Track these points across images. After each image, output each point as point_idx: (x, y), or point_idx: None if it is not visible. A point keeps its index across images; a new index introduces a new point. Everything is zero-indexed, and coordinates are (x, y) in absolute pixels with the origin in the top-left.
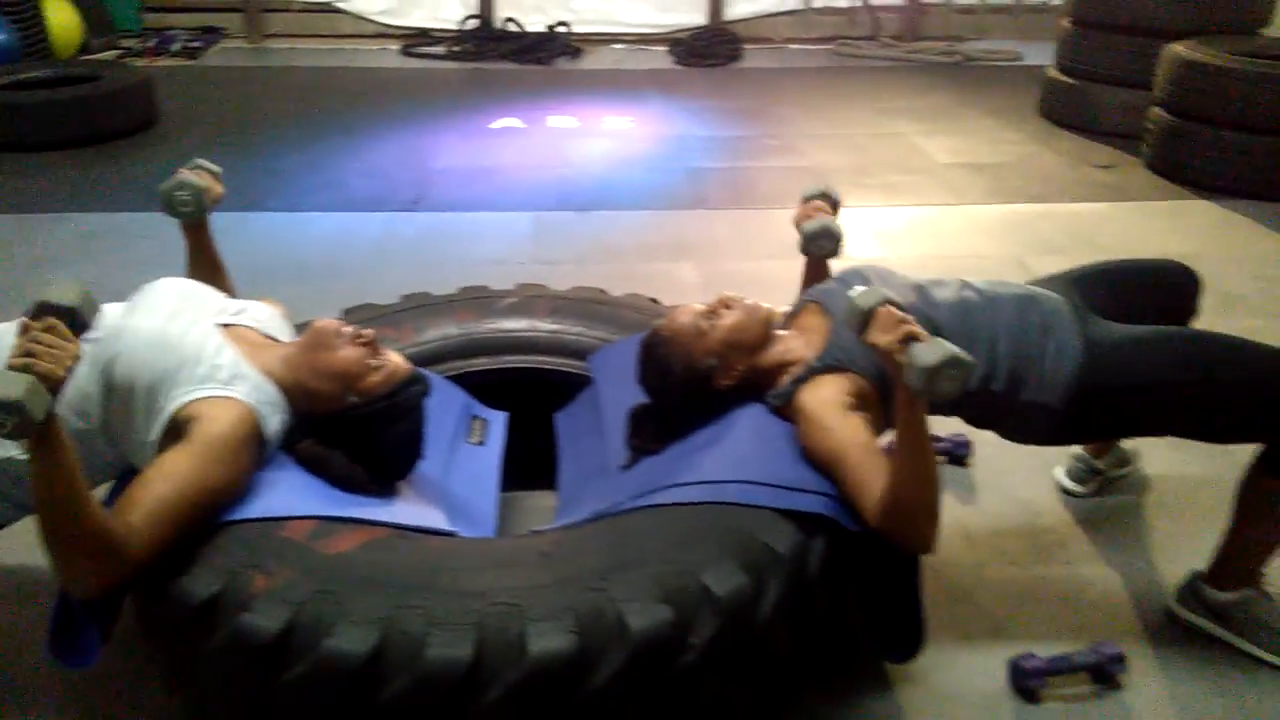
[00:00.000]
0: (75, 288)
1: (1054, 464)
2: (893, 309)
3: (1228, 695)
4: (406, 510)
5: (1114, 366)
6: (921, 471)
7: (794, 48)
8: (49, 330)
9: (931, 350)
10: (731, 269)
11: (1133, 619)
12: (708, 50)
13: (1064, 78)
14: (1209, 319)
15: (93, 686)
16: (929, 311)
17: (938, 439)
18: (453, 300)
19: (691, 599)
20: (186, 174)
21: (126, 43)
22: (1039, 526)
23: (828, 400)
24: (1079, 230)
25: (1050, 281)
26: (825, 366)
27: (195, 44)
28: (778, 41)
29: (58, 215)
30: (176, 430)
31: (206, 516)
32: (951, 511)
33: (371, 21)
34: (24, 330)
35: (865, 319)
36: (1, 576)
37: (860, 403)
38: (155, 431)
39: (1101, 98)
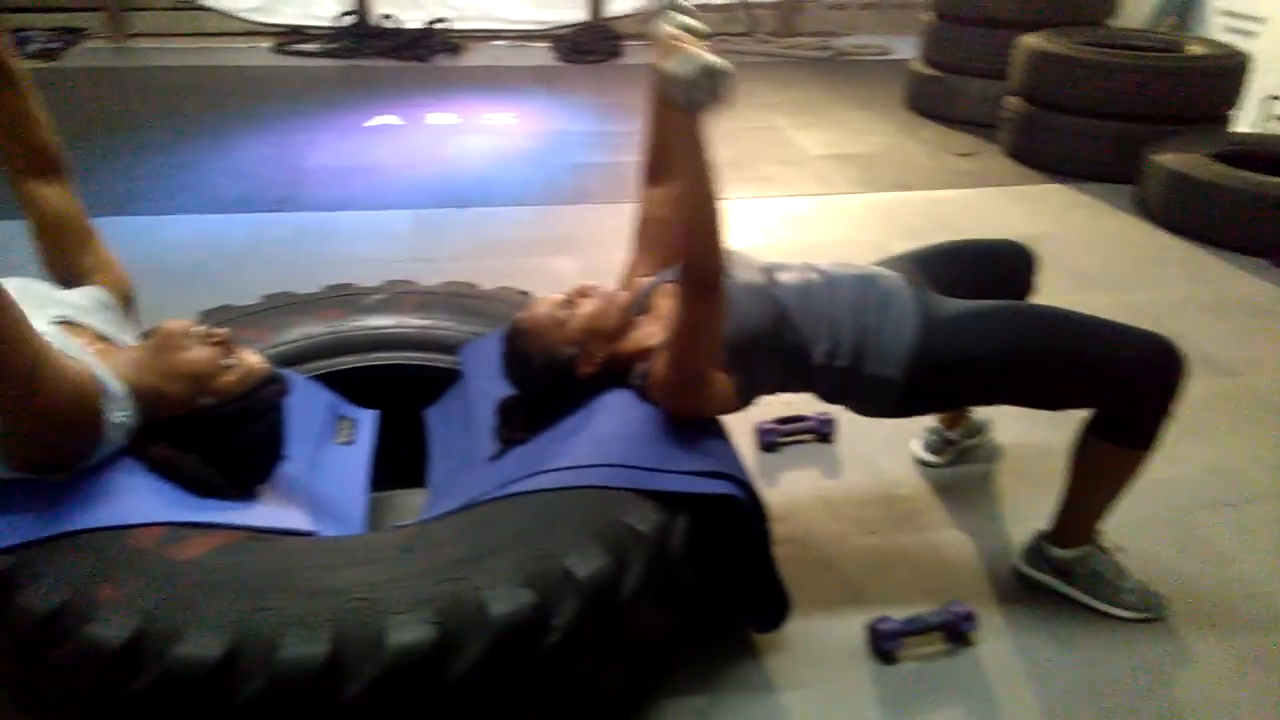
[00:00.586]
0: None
1: (912, 438)
2: (671, 35)
3: (1071, 647)
4: (265, 513)
5: (949, 339)
6: (701, 187)
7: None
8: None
9: (685, 62)
10: (613, 261)
11: (984, 579)
12: (589, 46)
13: (927, 70)
14: (1062, 296)
15: None
16: (774, 292)
17: (804, 418)
18: (316, 298)
19: (553, 582)
20: None
21: None
22: (897, 496)
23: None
24: (940, 215)
25: (892, 261)
26: None
27: (54, 45)
28: None
29: None
30: None
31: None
32: (816, 486)
33: (241, 19)
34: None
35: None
36: None
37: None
38: None
39: (962, 88)
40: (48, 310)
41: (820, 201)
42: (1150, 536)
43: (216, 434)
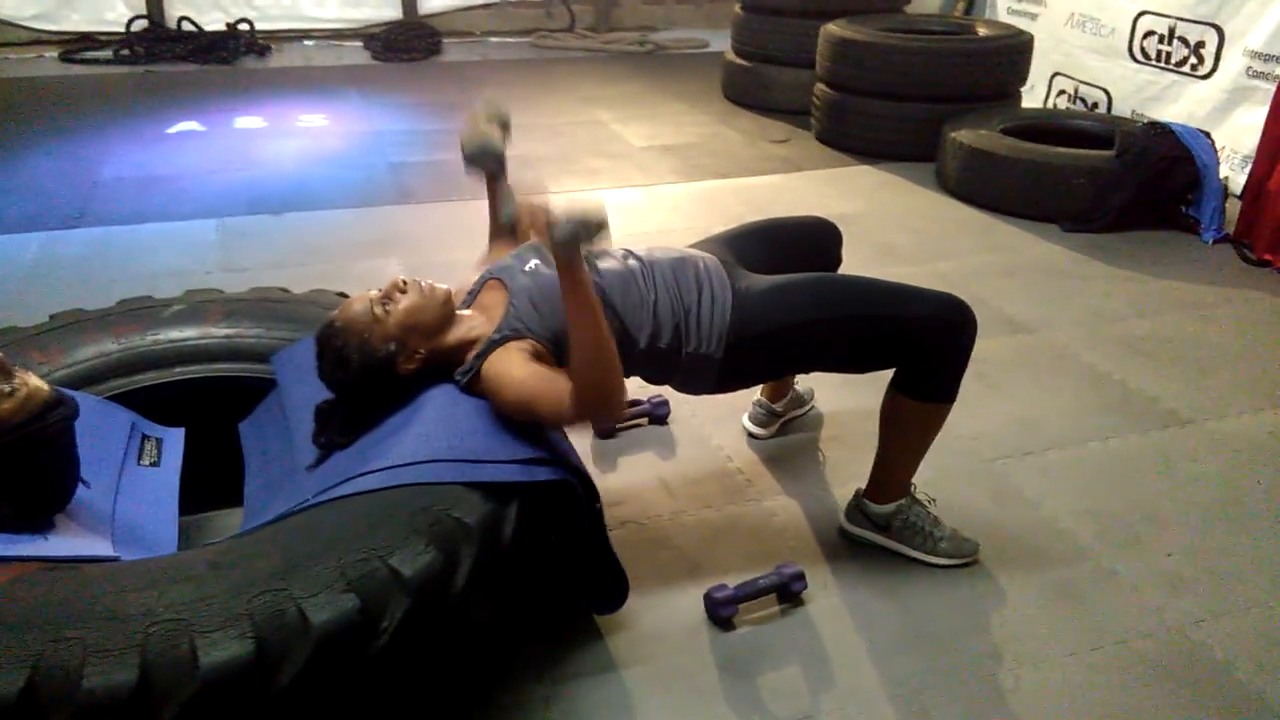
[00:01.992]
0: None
1: (741, 413)
2: (533, 207)
3: (895, 596)
4: (62, 543)
5: (761, 313)
6: (596, 333)
7: (494, 40)
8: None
9: (563, 228)
10: (439, 260)
11: (812, 541)
12: (405, 45)
13: (740, 61)
14: (871, 269)
15: None
16: (596, 279)
17: (638, 402)
18: (108, 314)
19: (379, 584)
20: None
21: None
22: (729, 470)
23: (509, 360)
24: (758, 200)
25: (705, 243)
26: (504, 337)
27: None
28: (477, 35)
29: None
30: None
31: None
32: (652, 467)
33: (23, 28)
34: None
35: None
36: None
37: (539, 361)
38: None
39: (774, 77)
40: None
41: (645, 192)
42: (961, 487)
43: (0, 466)
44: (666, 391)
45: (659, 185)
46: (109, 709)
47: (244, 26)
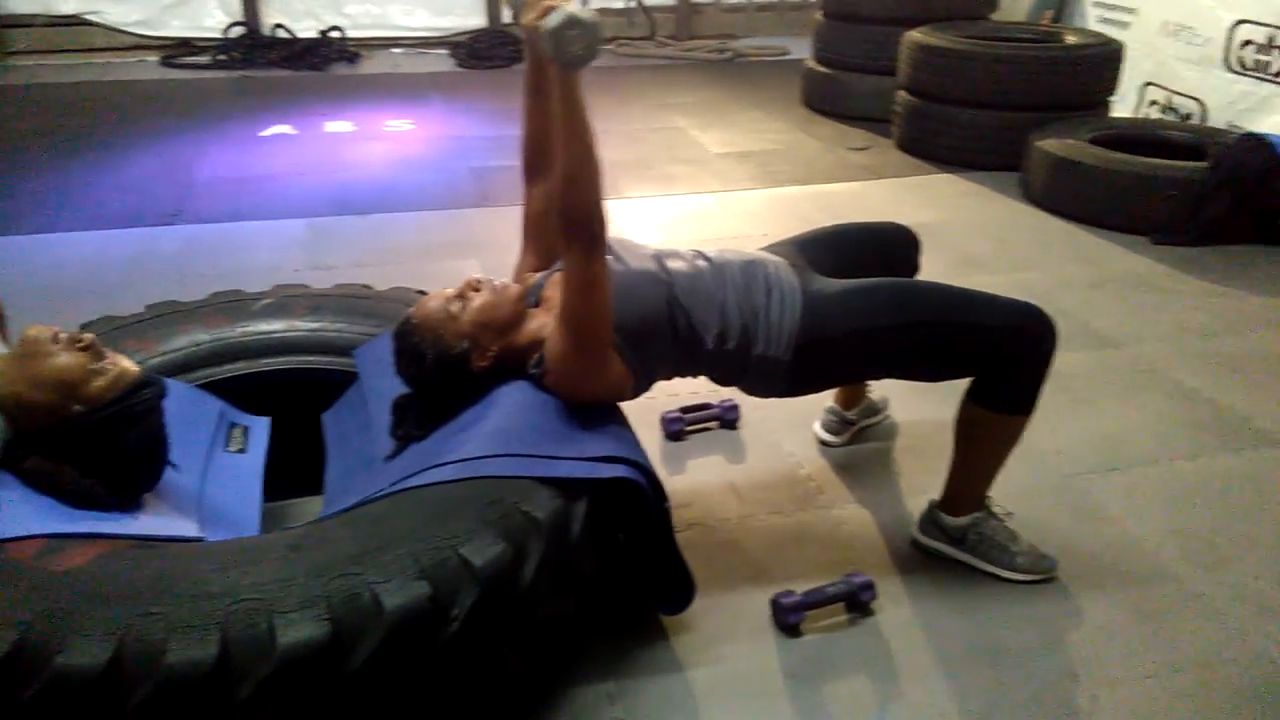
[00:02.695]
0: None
1: (814, 420)
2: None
3: (966, 610)
4: (150, 522)
5: (831, 317)
6: (580, 132)
7: None
8: None
9: (554, 16)
10: (515, 262)
11: (882, 551)
12: (488, 52)
13: (821, 68)
14: (952, 278)
15: None
16: (665, 278)
17: (708, 405)
18: (202, 306)
19: (450, 573)
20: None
21: None
22: (800, 477)
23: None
24: (835, 207)
25: (778, 246)
26: None
27: None
28: None
29: None
30: None
31: None
32: (721, 471)
33: (127, 34)
34: None
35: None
36: None
37: None
38: None
39: (854, 85)
40: None
41: (721, 198)
42: (1041, 502)
43: (91, 442)
44: (737, 396)
45: (735, 191)
46: (189, 684)
47: (335, 34)
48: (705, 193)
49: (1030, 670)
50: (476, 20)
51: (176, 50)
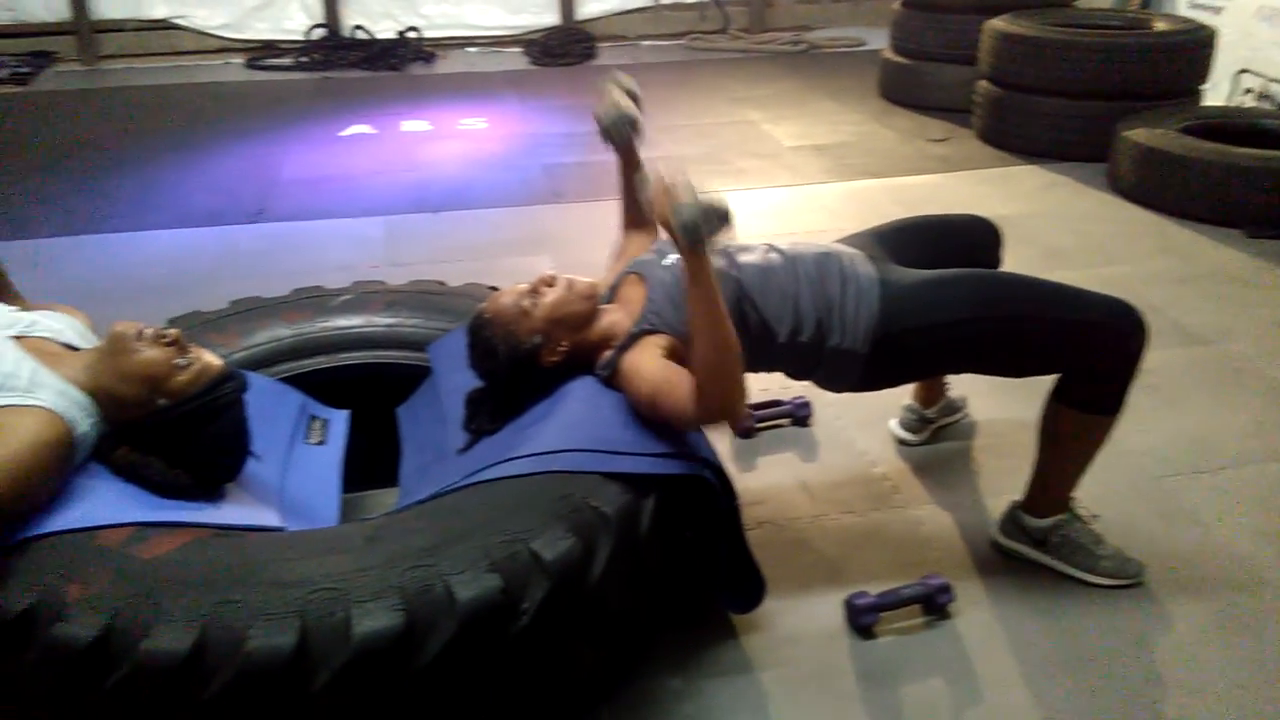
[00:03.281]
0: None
1: (889, 418)
2: (660, 190)
3: (1050, 615)
4: (233, 511)
5: (910, 308)
6: (718, 327)
7: (647, 44)
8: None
9: (686, 210)
10: (588, 258)
11: (961, 552)
12: (562, 50)
13: (899, 58)
14: (1035, 272)
15: None
16: (734, 273)
17: (779, 402)
18: (283, 302)
19: (521, 566)
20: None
21: None
22: (874, 476)
23: (643, 355)
24: (913, 200)
25: (854, 238)
26: (641, 331)
27: (24, 70)
28: (631, 38)
29: None
30: None
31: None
32: (792, 469)
33: (213, 36)
34: None
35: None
36: None
37: (674, 357)
38: None
39: (933, 75)
40: (3, 325)
41: (794, 192)
42: (1127, 504)
43: (176, 434)
44: (810, 392)
45: (809, 185)
46: (269, 671)
47: (412, 34)
48: (778, 187)
49: (1114, 677)
50: (550, 18)
51: (261, 52)
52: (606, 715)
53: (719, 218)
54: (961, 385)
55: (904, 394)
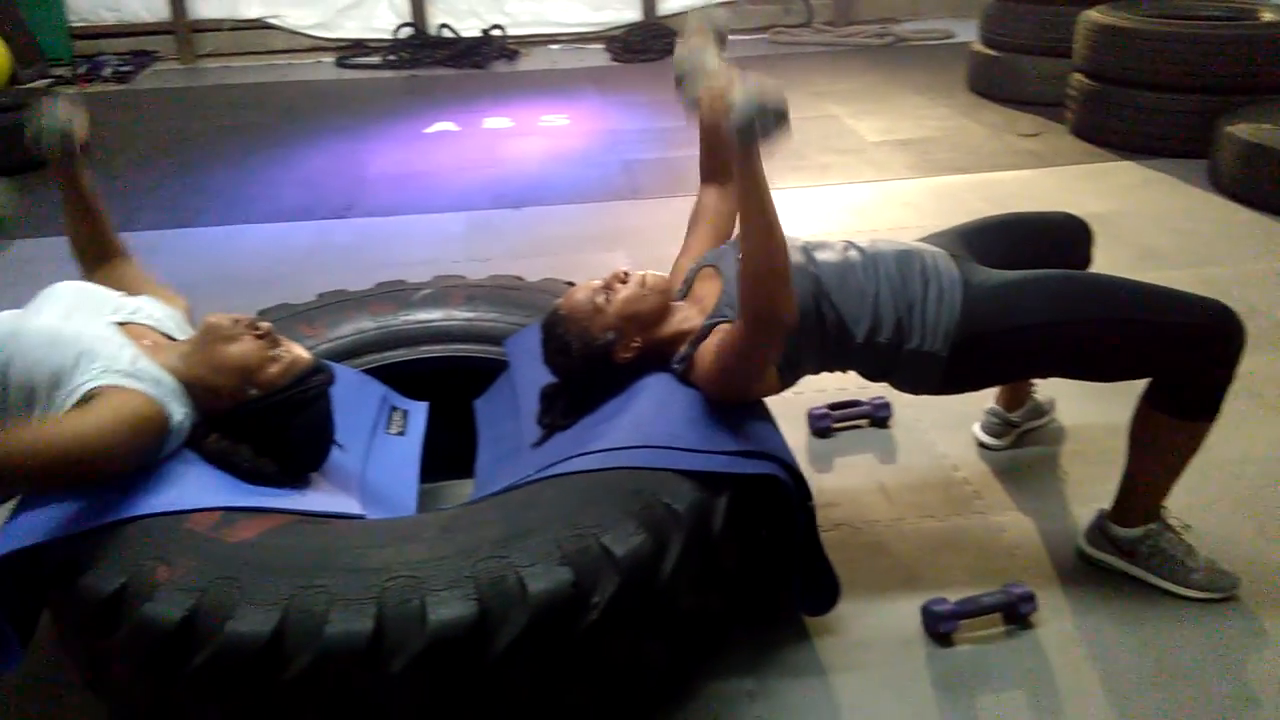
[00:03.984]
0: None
1: (972, 421)
2: (713, 93)
3: (1135, 627)
4: (316, 498)
5: (994, 310)
6: (766, 225)
7: (729, 39)
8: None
9: (740, 105)
10: (665, 254)
11: (1045, 561)
12: (643, 46)
13: (989, 51)
14: (1131, 272)
15: (16, 690)
16: (812, 270)
17: (858, 403)
18: (368, 295)
19: (592, 560)
20: (51, 114)
21: (57, 71)
22: (955, 480)
23: (712, 341)
24: (1001, 196)
25: (938, 236)
26: (715, 323)
27: (126, 68)
28: None
29: None
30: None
31: (79, 473)
32: (870, 471)
33: (305, 35)
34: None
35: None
36: None
37: None
38: None
39: (1025, 68)
40: (105, 313)
41: (877, 187)
42: (1222, 514)
43: (265, 424)
44: (889, 393)
45: (892, 181)
46: (347, 655)
47: (496, 32)
48: (860, 182)
49: (1205, 694)
50: (632, 14)
51: (350, 51)
52: (677, 714)
53: (775, 115)
54: (1049, 388)
55: (987, 397)
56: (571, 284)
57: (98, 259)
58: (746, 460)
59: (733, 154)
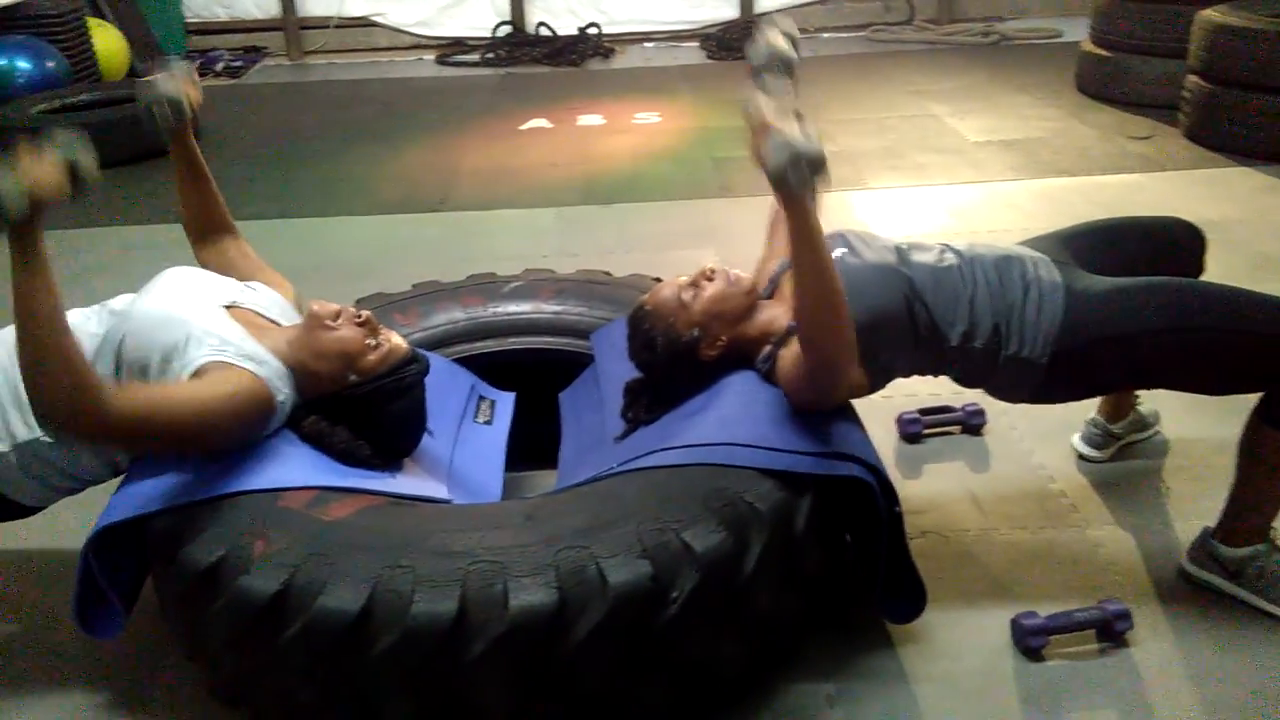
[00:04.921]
0: (81, 143)
1: (1071, 431)
2: (762, 114)
3: (1238, 651)
4: (407, 482)
5: (1097, 318)
6: (817, 268)
7: (826, 36)
8: (42, 159)
9: (775, 152)
10: (754, 253)
11: (1145, 579)
12: (739, 43)
13: (1099, 50)
14: (1245, 282)
15: (118, 656)
16: (906, 271)
17: (950, 408)
18: (459, 287)
19: (672, 555)
20: (164, 84)
21: None
22: (1051, 492)
23: (791, 353)
24: (1109, 201)
25: (1039, 240)
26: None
27: (237, 64)
28: (810, 30)
29: (102, 229)
30: None
31: (184, 440)
32: (961, 479)
33: (407, 33)
34: (21, 152)
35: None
36: (39, 558)
37: None
38: None
39: (1137, 69)
40: (215, 297)
41: (978, 189)
42: None
43: (362, 409)
44: (985, 399)
45: (994, 182)
46: (430, 636)
47: (593, 30)
48: (960, 183)
49: None
50: (729, 11)
51: (450, 49)
52: (754, 713)
53: (810, 166)
54: (1154, 399)
55: (1088, 406)
56: (658, 280)
57: (207, 231)
58: (831, 461)
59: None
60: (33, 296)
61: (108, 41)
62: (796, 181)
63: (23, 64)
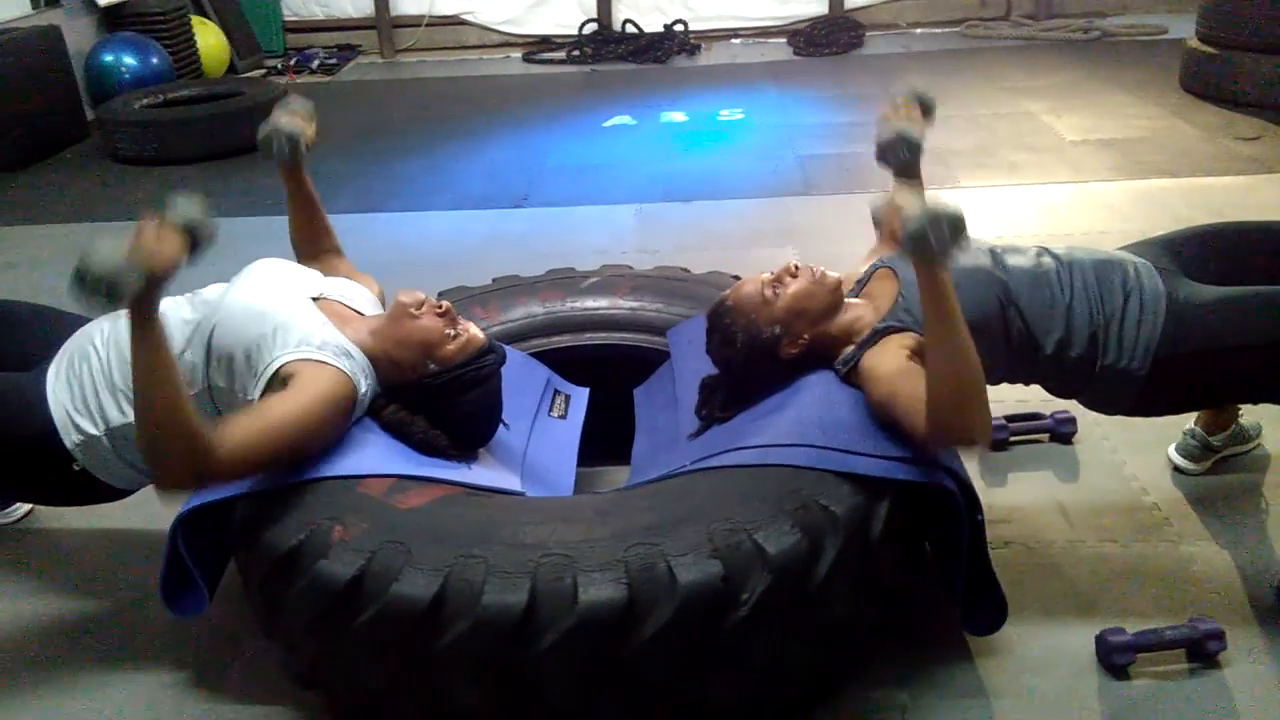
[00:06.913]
0: (197, 205)
1: (1167, 442)
2: (891, 203)
3: None
4: (482, 473)
5: (1201, 329)
6: (954, 346)
7: (919, 32)
8: (159, 231)
9: (914, 219)
10: (836, 251)
11: (1240, 597)
12: (827, 39)
13: (1206, 48)
14: None
15: (202, 634)
16: (1001, 275)
17: (1039, 415)
18: (538, 281)
19: (743, 556)
20: (283, 120)
21: (270, 62)
22: (1143, 504)
23: (886, 352)
24: (1214, 203)
25: (1141, 245)
26: (888, 328)
27: (332, 61)
28: (903, 26)
29: None
30: (276, 387)
31: (291, 457)
32: (1048, 488)
33: (496, 31)
34: (140, 228)
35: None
36: (130, 538)
37: (920, 359)
38: (256, 391)
39: (1247, 67)
40: (302, 289)
41: (1073, 189)
42: None
43: (441, 398)
44: (1074, 408)
45: (1091, 183)
46: (499, 626)
47: (679, 27)
48: (1056, 183)
49: None
50: (817, 7)
51: (537, 46)
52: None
53: (950, 227)
54: (1255, 412)
55: (1186, 416)
56: (738, 278)
57: (313, 253)
58: (911, 467)
59: (913, 264)
60: (151, 371)
61: (209, 39)
62: (937, 243)
63: (129, 60)
